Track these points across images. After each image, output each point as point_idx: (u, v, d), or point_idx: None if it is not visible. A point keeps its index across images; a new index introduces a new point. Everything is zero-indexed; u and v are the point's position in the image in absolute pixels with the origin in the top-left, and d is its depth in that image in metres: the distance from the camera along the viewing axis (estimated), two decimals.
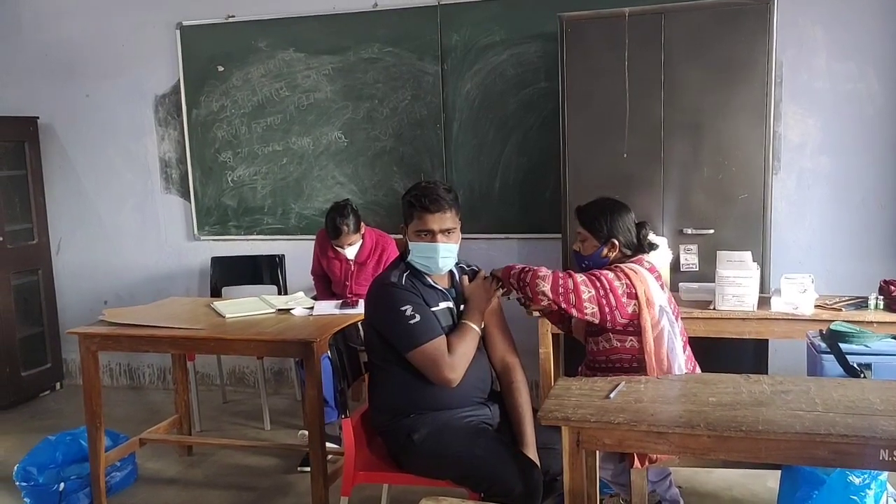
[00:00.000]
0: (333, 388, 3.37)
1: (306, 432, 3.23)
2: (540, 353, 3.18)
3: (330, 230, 3.57)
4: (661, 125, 3.33)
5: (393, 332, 2.31)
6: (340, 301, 3.41)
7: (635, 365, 2.28)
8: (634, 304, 2.24)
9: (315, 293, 3.84)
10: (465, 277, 2.47)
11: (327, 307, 3.29)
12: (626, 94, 3.33)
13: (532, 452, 2.29)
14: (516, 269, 2.32)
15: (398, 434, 2.36)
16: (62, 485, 3.10)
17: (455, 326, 2.36)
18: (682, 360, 2.31)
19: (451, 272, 2.46)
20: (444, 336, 2.30)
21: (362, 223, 3.65)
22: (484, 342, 2.44)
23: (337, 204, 3.63)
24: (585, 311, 2.21)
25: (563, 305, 2.20)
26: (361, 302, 3.30)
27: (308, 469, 3.11)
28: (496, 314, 2.47)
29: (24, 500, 3.10)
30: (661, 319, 2.27)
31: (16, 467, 3.14)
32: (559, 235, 3.63)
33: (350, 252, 3.63)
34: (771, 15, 3.17)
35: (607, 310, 2.22)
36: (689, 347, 2.42)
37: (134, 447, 3.37)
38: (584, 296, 2.20)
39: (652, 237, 2.50)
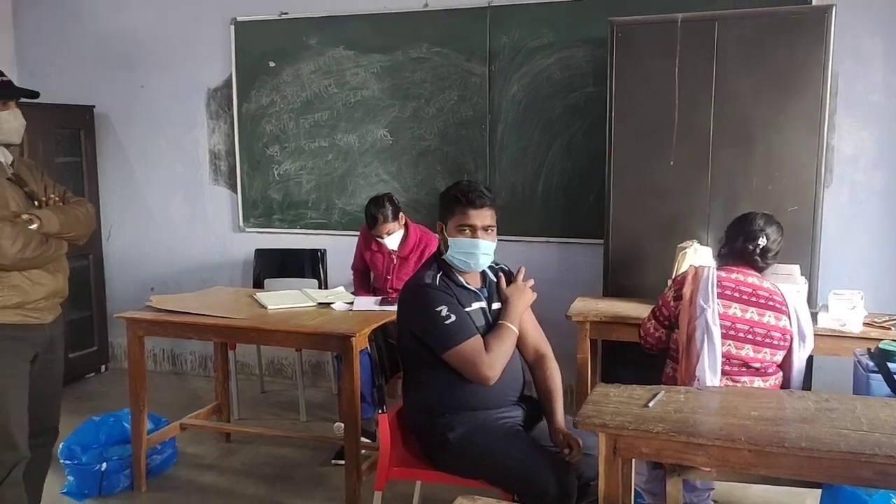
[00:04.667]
0: (370, 383, 3.41)
1: (342, 425, 3.28)
2: (577, 358, 3.17)
3: (368, 219, 3.61)
4: (711, 134, 3.29)
5: (429, 333, 2.33)
6: (380, 297, 3.44)
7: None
8: (678, 303, 2.42)
9: (353, 288, 3.88)
10: (503, 278, 2.48)
11: (367, 303, 3.33)
12: (676, 101, 3.29)
13: (561, 426, 2.32)
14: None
15: (433, 432, 2.37)
16: (104, 465, 3.19)
17: (488, 326, 2.38)
18: (709, 371, 2.30)
19: (482, 272, 2.48)
20: (479, 336, 2.31)
21: (402, 215, 3.68)
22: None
23: (375, 195, 3.68)
24: (652, 333, 2.60)
25: (647, 346, 2.67)
26: None
27: (342, 462, 3.15)
28: (527, 312, 2.50)
29: (68, 477, 3.19)
30: (700, 318, 2.33)
31: (60, 445, 3.22)
32: (601, 241, 3.61)
33: (391, 242, 3.65)
34: (828, 24, 3.11)
35: (657, 312, 2.57)
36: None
37: (175, 431, 3.45)
38: (648, 324, 2.63)
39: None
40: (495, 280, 2.49)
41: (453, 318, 2.28)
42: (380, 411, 2.48)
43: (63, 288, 2.53)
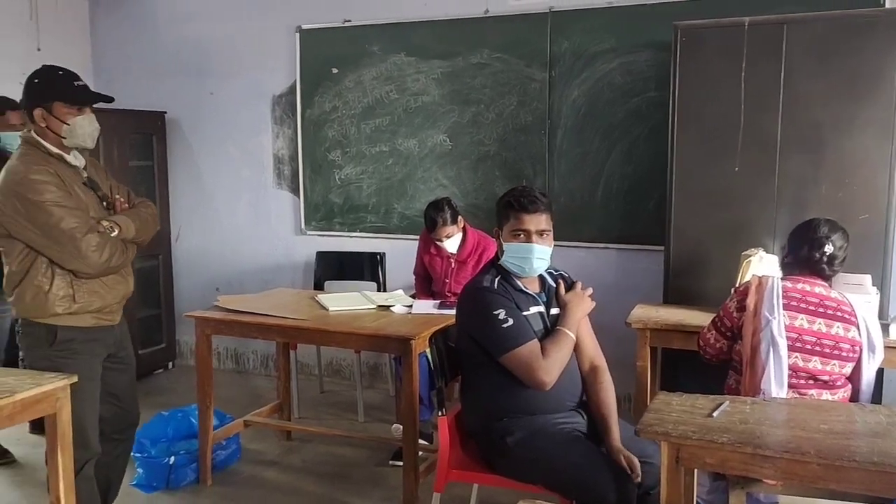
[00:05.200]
0: (427, 386, 3.45)
1: (400, 427, 3.33)
2: (637, 366, 3.14)
3: (428, 223, 3.66)
4: (778, 140, 3.21)
5: (486, 337, 2.34)
6: (439, 301, 3.47)
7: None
8: (741, 314, 2.36)
9: (414, 291, 3.93)
10: (562, 285, 2.49)
11: (426, 306, 3.37)
12: (742, 106, 3.23)
13: (618, 446, 2.29)
14: None
15: (492, 436, 2.39)
16: (172, 458, 3.30)
17: (545, 331, 2.38)
18: (775, 383, 2.25)
19: (541, 277, 2.48)
20: (537, 340, 2.32)
21: (461, 218, 3.71)
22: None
23: (435, 199, 3.73)
24: (713, 345, 2.54)
25: (706, 356, 2.59)
26: None
27: (399, 463, 3.19)
28: (584, 320, 2.49)
29: (138, 469, 3.32)
30: (765, 330, 2.28)
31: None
32: (661, 247, 3.57)
33: (450, 245, 3.69)
34: None
35: (718, 322, 2.51)
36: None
37: (238, 428, 3.55)
38: (707, 335, 2.57)
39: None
40: (554, 286, 2.49)
41: (511, 321, 2.29)
42: (440, 413, 2.51)
43: (131, 290, 2.60)
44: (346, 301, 3.45)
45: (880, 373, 3.18)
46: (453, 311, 3.21)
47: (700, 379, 2.55)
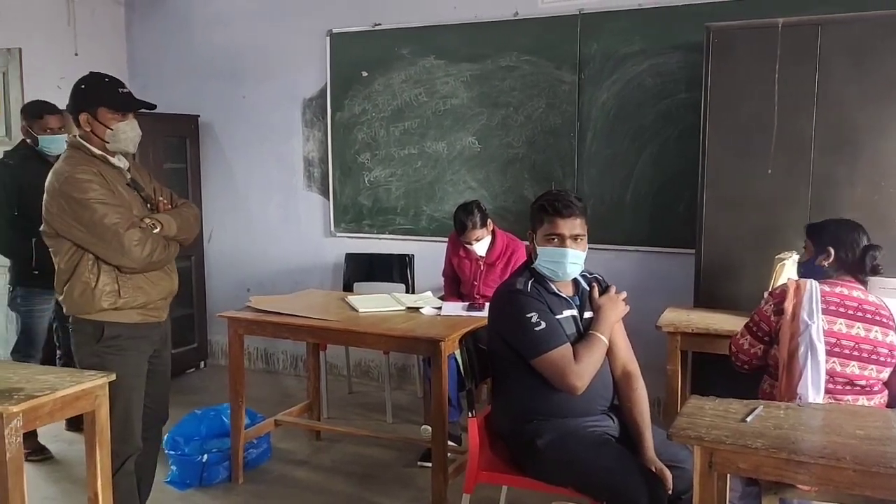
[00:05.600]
0: (458, 387, 3.46)
1: (429, 428, 3.34)
2: (667, 370, 3.11)
3: (457, 226, 3.67)
4: (812, 141, 3.18)
5: (519, 339, 2.34)
6: (468, 303, 3.48)
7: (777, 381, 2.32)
8: (779, 318, 2.32)
9: (443, 293, 3.95)
10: (596, 288, 2.47)
11: (455, 308, 3.38)
12: (775, 108, 3.20)
13: (652, 457, 2.26)
14: None
15: (521, 438, 2.39)
16: (205, 456, 3.35)
17: (578, 335, 2.37)
18: (812, 388, 2.22)
19: (575, 280, 2.47)
20: (569, 344, 2.31)
21: (490, 221, 3.72)
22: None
23: (464, 202, 3.74)
24: (747, 351, 2.48)
25: (738, 363, 2.53)
26: (488, 305, 3.38)
27: (428, 464, 3.21)
28: (618, 325, 2.47)
29: (171, 467, 3.37)
30: (803, 334, 2.25)
31: (165, 436, 3.40)
32: (691, 250, 3.54)
33: (480, 248, 3.70)
34: None
35: (753, 327, 2.45)
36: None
37: (269, 427, 3.59)
38: (741, 342, 2.50)
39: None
40: (588, 289, 2.48)
41: (543, 324, 2.29)
42: (470, 415, 2.52)
43: (176, 287, 2.68)
44: (376, 303, 3.47)
45: None
46: (482, 313, 3.24)
47: (731, 384, 2.51)
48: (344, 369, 4.72)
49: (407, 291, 4.34)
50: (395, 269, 4.50)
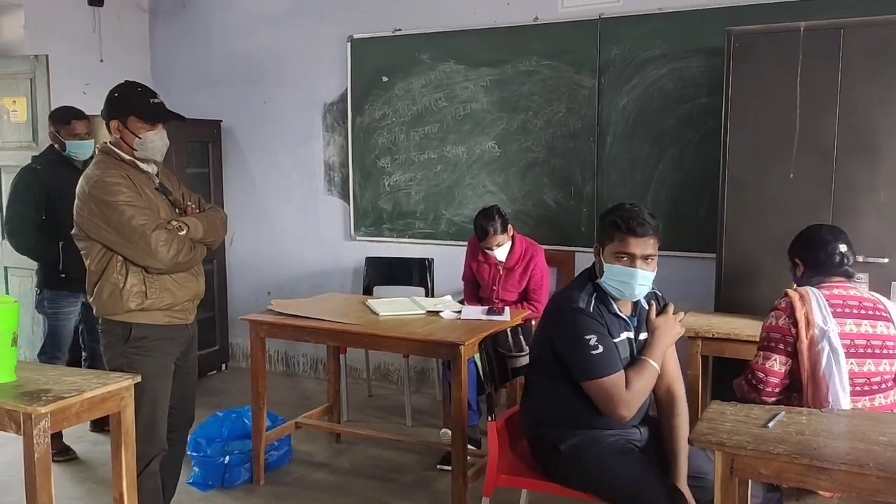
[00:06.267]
0: (477, 391, 3.47)
1: (448, 431, 3.35)
2: (688, 374, 3.10)
3: (478, 231, 3.68)
4: (835, 146, 3.16)
5: (573, 358, 2.28)
6: (487, 307, 3.49)
7: (795, 394, 2.28)
8: (797, 329, 2.27)
9: (463, 297, 3.96)
10: (654, 308, 2.39)
11: (474, 312, 3.39)
12: (797, 112, 3.18)
13: (683, 485, 2.24)
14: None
15: (545, 441, 2.39)
16: (227, 458, 3.38)
17: (631, 357, 2.31)
18: (842, 394, 2.20)
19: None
20: (622, 371, 2.25)
21: (510, 226, 3.73)
22: None
23: (484, 208, 3.74)
24: (778, 372, 2.31)
25: (765, 394, 2.32)
26: (507, 309, 3.39)
27: (447, 468, 3.21)
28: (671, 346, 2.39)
29: (194, 468, 3.41)
30: (822, 341, 2.23)
31: (188, 438, 3.47)
32: (712, 255, 3.53)
33: (500, 254, 3.70)
34: None
35: (779, 346, 2.31)
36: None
37: (290, 429, 3.62)
38: (768, 365, 2.32)
39: None
40: (647, 308, 2.40)
41: (601, 349, 2.22)
42: (490, 418, 2.53)
43: (203, 290, 2.72)
44: (396, 306, 3.49)
45: None
46: (502, 318, 3.26)
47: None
48: (364, 372, 4.74)
49: (426, 295, 4.36)
50: (415, 273, 4.52)
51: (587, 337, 2.23)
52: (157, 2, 5.39)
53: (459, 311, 3.40)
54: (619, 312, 2.33)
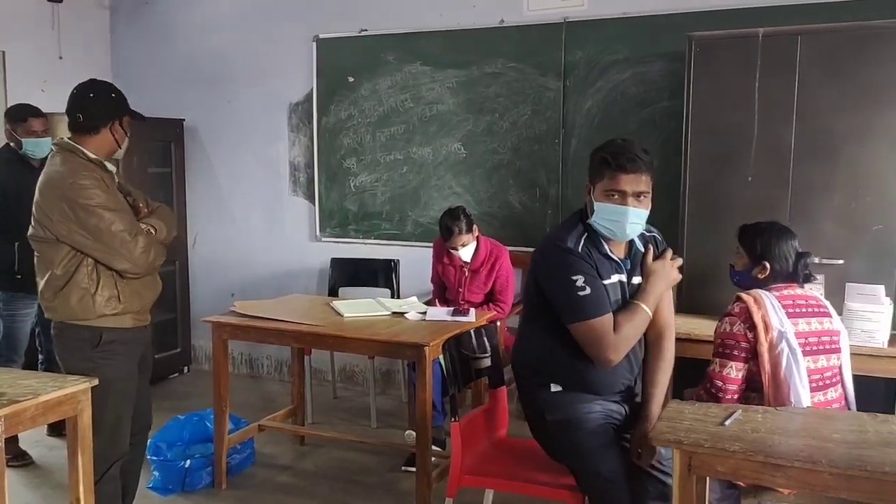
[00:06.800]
0: (441, 392, 3.47)
1: (413, 433, 3.35)
2: None
3: (443, 231, 3.69)
4: (792, 149, 3.22)
5: (559, 300, 2.20)
6: (453, 308, 3.50)
7: (753, 394, 2.29)
8: (754, 333, 2.26)
9: (428, 298, 3.96)
10: (651, 252, 2.29)
11: (440, 313, 3.39)
12: (755, 116, 3.25)
13: (646, 426, 2.20)
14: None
15: (534, 405, 2.33)
16: (188, 462, 3.34)
17: (623, 301, 2.22)
18: (802, 392, 2.25)
19: (629, 241, 2.29)
20: (611, 314, 2.17)
21: (475, 227, 3.74)
22: None
23: (450, 208, 3.76)
24: (735, 379, 2.29)
25: (726, 399, 2.29)
26: (472, 311, 3.41)
27: (412, 469, 3.22)
28: (667, 292, 2.31)
29: (154, 473, 3.36)
30: (780, 344, 2.25)
31: (148, 442, 3.41)
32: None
33: (465, 254, 3.71)
34: None
35: (734, 353, 2.29)
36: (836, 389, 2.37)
37: (253, 432, 3.59)
38: (725, 373, 2.29)
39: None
40: (642, 251, 2.30)
41: (588, 290, 2.13)
42: (452, 420, 2.53)
43: (160, 291, 2.70)
44: (361, 307, 3.48)
45: (893, 383, 3.19)
46: (467, 319, 3.26)
47: (699, 382, 2.55)
48: (329, 374, 4.72)
49: (392, 296, 4.36)
50: (381, 274, 4.51)
51: (574, 278, 2.13)
52: None
53: (424, 313, 3.40)
54: (610, 254, 2.23)
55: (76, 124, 2.48)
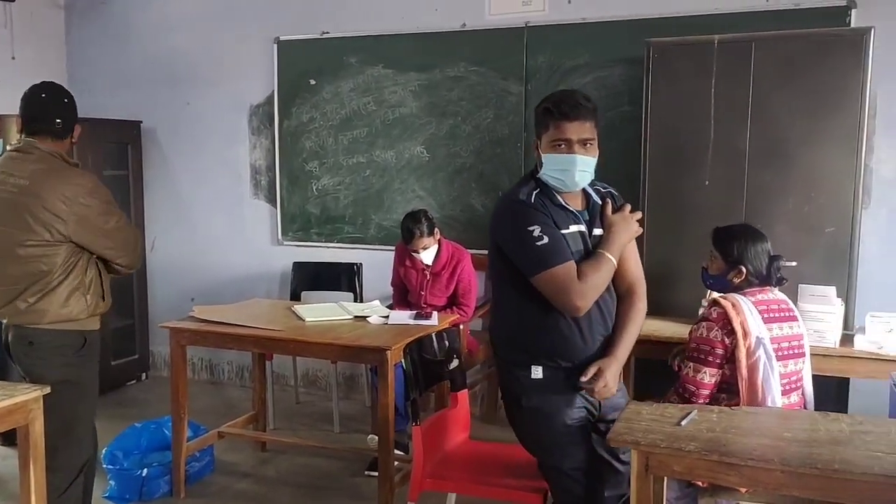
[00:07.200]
0: (404, 396, 3.46)
1: (376, 437, 3.33)
2: None
3: (404, 234, 3.69)
4: (746, 154, 3.29)
5: (518, 254, 2.16)
6: (415, 312, 3.49)
7: (723, 395, 2.33)
8: (732, 338, 2.29)
9: (391, 302, 3.95)
10: (609, 205, 2.27)
11: (402, 317, 3.39)
12: (711, 121, 3.31)
13: (605, 360, 2.16)
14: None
15: (511, 388, 2.28)
16: (145, 470, 3.28)
17: (586, 252, 2.19)
18: (777, 395, 2.29)
19: (586, 194, 2.28)
20: (573, 261, 2.13)
21: (437, 230, 3.74)
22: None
23: (411, 211, 3.76)
24: (708, 384, 2.31)
25: (696, 400, 2.30)
26: (435, 314, 3.40)
27: (375, 474, 3.20)
28: (631, 244, 2.29)
29: (110, 482, 3.28)
30: (757, 350, 2.28)
31: (104, 451, 3.31)
32: None
33: (426, 257, 3.71)
34: (867, 46, 3.10)
35: (709, 358, 2.31)
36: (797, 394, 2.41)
37: (213, 439, 3.53)
38: (699, 378, 2.31)
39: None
40: (600, 203, 2.28)
41: (546, 239, 2.10)
42: (414, 424, 2.53)
43: None
44: (323, 312, 3.45)
45: (846, 382, 3.27)
46: (429, 322, 3.26)
47: (665, 388, 2.58)
48: (291, 379, 4.67)
49: (355, 300, 4.33)
50: (344, 278, 4.48)
51: (530, 228, 2.10)
52: None
53: (387, 316, 3.39)
54: (565, 204, 2.20)
55: (54, 129, 2.49)
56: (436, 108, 4.34)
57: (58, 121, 2.48)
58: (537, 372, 2.21)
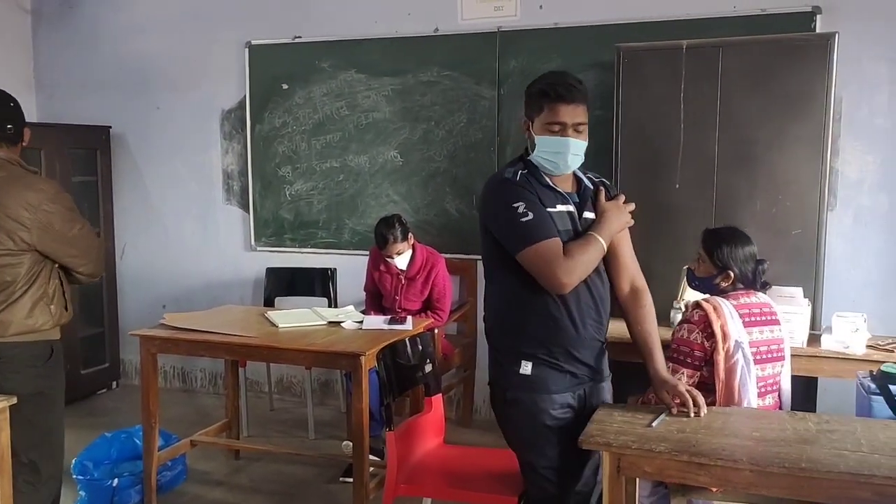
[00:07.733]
0: (378, 401, 3.45)
1: (350, 443, 3.31)
2: None
3: (378, 240, 3.68)
4: (715, 157, 3.34)
5: (504, 232, 2.14)
6: (389, 317, 3.48)
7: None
8: (712, 341, 2.33)
9: (365, 308, 3.94)
10: (603, 192, 2.24)
11: (376, 322, 3.38)
12: (681, 125, 3.35)
13: (664, 377, 2.18)
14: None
15: (499, 380, 2.25)
16: (116, 480, 3.23)
17: (575, 234, 2.16)
18: (753, 398, 2.32)
19: (577, 179, 2.26)
20: (559, 238, 2.10)
21: (411, 235, 3.74)
22: (609, 265, 2.24)
23: (385, 216, 3.75)
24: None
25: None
26: (409, 318, 3.40)
27: (350, 480, 3.18)
28: (625, 237, 2.27)
29: (80, 492, 3.23)
30: (736, 353, 2.32)
31: (73, 461, 3.26)
32: None
33: (400, 262, 3.71)
34: (831, 51, 3.16)
35: (687, 360, 2.38)
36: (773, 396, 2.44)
37: (185, 448, 3.49)
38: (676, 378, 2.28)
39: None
40: (592, 188, 2.25)
41: (531, 215, 2.07)
42: (388, 429, 2.52)
43: None
44: (296, 317, 3.43)
45: (814, 382, 3.32)
46: (403, 327, 3.25)
47: (644, 389, 2.61)
48: (265, 386, 4.63)
49: (329, 305, 4.31)
50: (318, 283, 4.46)
51: (515, 205, 2.08)
52: (40, 2, 5.10)
53: (361, 321, 3.38)
54: (553, 186, 2.18)
55: (6, 135, 2.46)
56: (409, 112, 4.35)
57: (8, 126, 2.44)
58: (526, 367, 2.17)
